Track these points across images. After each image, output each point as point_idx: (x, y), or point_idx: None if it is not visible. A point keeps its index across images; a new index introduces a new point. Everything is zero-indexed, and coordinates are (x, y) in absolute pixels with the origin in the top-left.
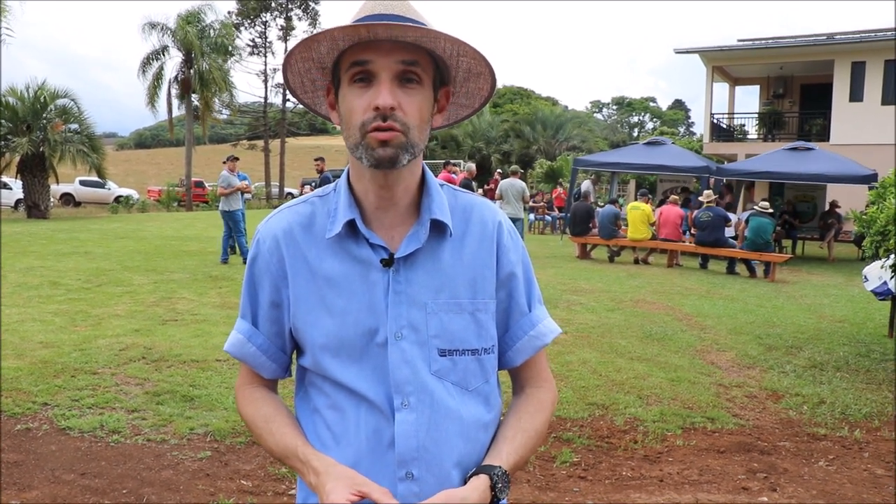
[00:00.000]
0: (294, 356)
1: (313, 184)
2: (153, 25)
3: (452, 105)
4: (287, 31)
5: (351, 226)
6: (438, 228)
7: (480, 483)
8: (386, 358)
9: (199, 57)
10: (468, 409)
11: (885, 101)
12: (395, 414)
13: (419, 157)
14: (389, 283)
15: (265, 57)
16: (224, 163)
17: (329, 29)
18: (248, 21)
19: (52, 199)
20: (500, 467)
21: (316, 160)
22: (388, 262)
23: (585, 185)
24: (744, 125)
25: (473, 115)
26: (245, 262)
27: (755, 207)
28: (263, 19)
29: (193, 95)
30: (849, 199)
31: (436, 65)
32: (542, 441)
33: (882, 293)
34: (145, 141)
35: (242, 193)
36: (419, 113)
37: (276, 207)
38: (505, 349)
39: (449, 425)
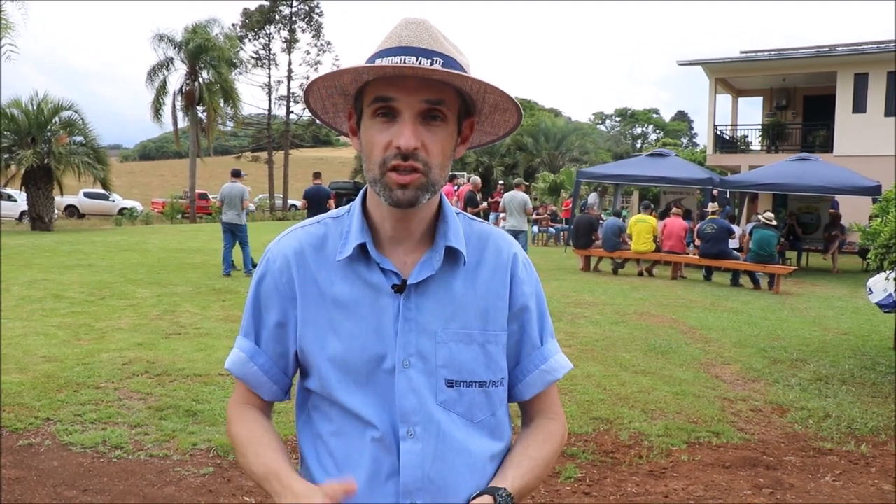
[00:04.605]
0: (299, 379)
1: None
2: (162, 38)
3: (476, 132)
4: (291, 43)
5: (363, 250)
6: (452, 256)
7: (483, 501)
8: (392, 385)
9: (208, 66)
10: (475, 442)
11: (888, 113)
12: (401, 443)
13: (439, 192)
14: (400, 310)
15: (269, 69)
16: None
17: (354, 66)
18: (252, 33)
19: (56, 211)
20: (504, 489)
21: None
22: (399, 289)
23: (592, 197)
24: (747, 137)
25: (497, 141)
26: (247, 274)
27: (759, 219)
28: (267, 31)
29: (198, 107)
30: (852, 211)
31: (462, 97)
32: (549, 471)
33: (887, 305)
34: (150, 153)
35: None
36: (442, 151)
37: (279, 220)
38: (515, 382)
39: (455, 457)
